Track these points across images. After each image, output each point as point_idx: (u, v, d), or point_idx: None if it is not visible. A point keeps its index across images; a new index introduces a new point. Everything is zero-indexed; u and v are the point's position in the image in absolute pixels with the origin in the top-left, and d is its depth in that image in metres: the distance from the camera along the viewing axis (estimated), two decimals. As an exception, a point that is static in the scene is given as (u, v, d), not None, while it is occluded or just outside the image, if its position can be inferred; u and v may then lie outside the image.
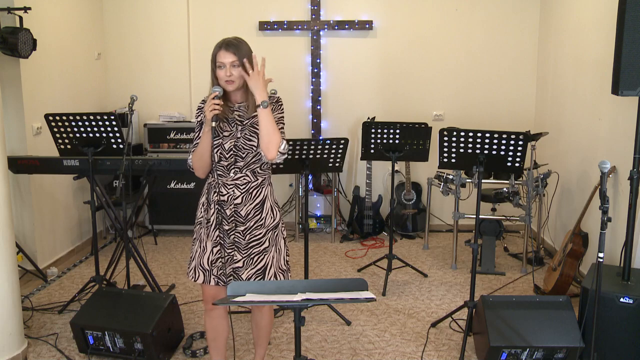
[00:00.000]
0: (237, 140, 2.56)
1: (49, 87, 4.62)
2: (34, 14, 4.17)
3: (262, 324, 2.86)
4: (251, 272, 2.64)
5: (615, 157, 3.78)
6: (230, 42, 2.49)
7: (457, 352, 3.34)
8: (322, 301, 1.92)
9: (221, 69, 2.49)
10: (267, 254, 2.66)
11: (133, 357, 3.18)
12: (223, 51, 2.48)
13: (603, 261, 2.69)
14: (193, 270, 2.69)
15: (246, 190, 2.60)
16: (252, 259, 2.64)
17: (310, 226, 5.56)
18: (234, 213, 2.60)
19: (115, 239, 5.22)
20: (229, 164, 2.57)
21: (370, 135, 4.20)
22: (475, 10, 5.44)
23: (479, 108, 5.54)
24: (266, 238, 2.65)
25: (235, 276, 2.65)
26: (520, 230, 5.50)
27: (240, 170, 2.59)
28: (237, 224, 2.61)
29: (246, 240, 2.62)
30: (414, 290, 4.25)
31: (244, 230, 2.61)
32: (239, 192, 2.59)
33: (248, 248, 2.63)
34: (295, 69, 5.59)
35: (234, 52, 2.47)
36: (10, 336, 3.11)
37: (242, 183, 2.59)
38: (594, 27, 4.21)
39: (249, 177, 2.60)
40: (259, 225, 2.63)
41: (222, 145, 2.56)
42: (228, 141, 2.56)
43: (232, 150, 2.56)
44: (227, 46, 2.48)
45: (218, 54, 2.49)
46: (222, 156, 2.57)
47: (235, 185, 2.59)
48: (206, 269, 2.66)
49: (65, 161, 3.81)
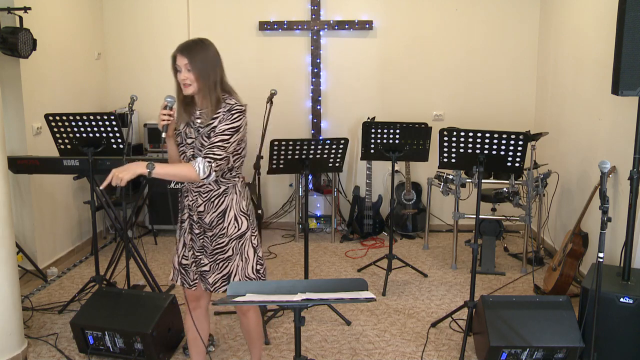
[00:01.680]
0: (194, 148, 2.52)
1: (49, 87, 4.62)
2: (34, 14, 4.16)
3: (250, 327, 2.81)
4: (217, 277, 2.62)
5: (615, 157, 3.78)
6: (186, 46, 2.44)
7: (457, 352, 3.34)
8: (322, 301, 1.93)
9: (178, 73, 2.47)
10: (231, 262, 2.62)
11: (133, 357, 3.18)
12: (179, 55, 2.44)
13: (603, 261, 2.69)
14: (173, 268, 2.74)
15: (208, 199, 2.56)
16: (218, 264, 2.63)
17: (310, 226, 5.56)
18: (199, 219, 2.60)
19: (115, 239, 5.22)
20: None
21: (370, 135, 4.20)
22: (475, 10, 5.44)
23: (479, 108, 5.54)
24: (229, 247, 2.60)
25: (203, 280, 2.65)
26: (520, 230, 5.50)
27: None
28: (204, 229, 2.60)
29: (212, 246, 2.61)
30: (414, 290, 4.25)
31: (210, 236, 2.60)
32: (201, 200, 2.57)
33: (214, 254, 2.62)
34: (295, 69, 5.59)
35: (187, 55, 2.42)
36: (10, 336, 3.11)
37: (205, 191, 2.56)
38: (594, 27, 4.21)
39: (211, 185, 2.55)
40: (221, 234, 2.59)
41: (185, 153, 2.56)
42: (190, 149, 2.54)
43: (193, 158, 2.51)
44: (182, 50, 2.44)
45: (176, 57, 2.46)
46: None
47: (198, 193, 2.57)
48: (176, 268, 2.71)
49: (65, 161, 3.81)
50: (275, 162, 3.61)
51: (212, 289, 2.65)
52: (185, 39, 2.56)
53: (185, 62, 2.43)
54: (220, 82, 2.51)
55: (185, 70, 2.44)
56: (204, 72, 2.45)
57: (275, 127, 4.93)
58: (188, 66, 2.43)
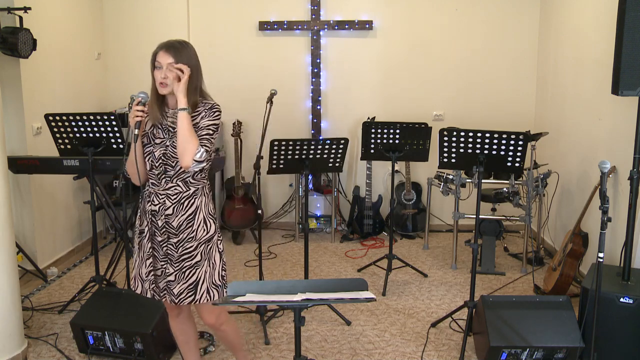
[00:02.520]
0: (167, 148, 2.45)
1: (49, 87, 4.62)
2: (34, 14, 4.16)
3: (229, 338, 2.75)
4: (183, 287, 2.50)
5: (615, 157, 3.78)
6: (172, 44, 2.40)
7: (457, 352, 3.34)
8: (322, 301, 1.92)
9: (158, 70, 2.40)
10: (199, 268, 2.51)
11: (133, 357, 3.18)
12: (163, 52, 2.39)
13: (603, 261, 2.69)
14: (134, 279, 2.60)
15: (177, 201, 2.48)
16: (184, 272, 2.50)
17: (310, 226, 5.56)
18: (165, 224, 2.49)
19: (115, 239, 5.22)
20: (160, 172, 2.47)
21: (370, 135, 4.20)
22: (475, 10, 5.44)
23: (479, 108, 5.54)
24: (198, 252, 2.51)
25: (168, 290, 2.52)
26: (520, 230, 5.50)
27: (171, 179, 2.47)
28: (169, 235, 2.49)
29: (178, 253, 2.50)
30: (414, 290, 4.25)
31: (176, 243, 2.49)
32: (169, 203, 2.47)
33: (180, 261, 2.50)
34: (295, 69, 5.59)
35: (173, 55, 2.38)
36: (10, 336, 3.11)
37: (174, 193, 2.47)
38: (594, 27, 4.21)
39: (180, 187, 2.48)
40: (190, 237, 2.50)
41: (152, 153, 2.47)
42: (158, 149, 2.46)
43: (162, 159, 2.46)
44: (168, 48, 2.39)
45: (157, 54, 2.40)
46: (153, 164, 2.47)
47: (166, 195, 2.47)
48: (143, 279, 2.56)
49: (65, 161, 3.81)
50: (275, 162, 3.61)
51: (177, 301, 2.51)
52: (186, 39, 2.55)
53: (170, 61, 2.38)
54: (200, 86, 2.48)
55: (167, 69, 2.39)
56: (194, 73, 2.43)
57: (275, 127, 4.93)
58: (171, 65, 2.38)
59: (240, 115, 5.36)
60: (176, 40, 2.44)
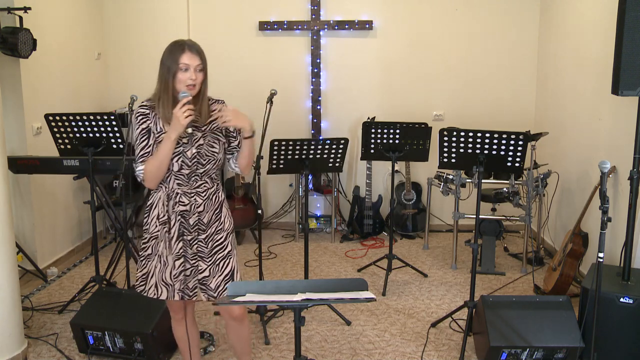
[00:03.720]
0: (200, 147, 2.47)
1: (49, 87, 4.62)
2: (34, 14, 4.16)
3: (244, 335, 2.72)
4: (220, 280, 2.54)
5: (615, 157, 3.78)
6: (195, 45, 2.42)
7: (457, 352, 3.34)
8: (322, 301, 1.92)
9: (185, 72, 2.39)
10: (232, 257, 2.58)
11: (133, 357, 3.18)
12: (189, 53, 2.39)
13: (603, 261, 2.69)
14: (154, 287, 2.55)
15: (207, 197, 2.53)
16: (218, 265, 2.55)
17: (310, 226, 5.56)
18: (197, 222, 2.51)
19: (115, 239, 5.22)
20: (190, 172, 2.48)
21: (370, 135, 4.20)
22: (475, 10, 5.44)
23: (479, 108, 5.55)
24: (228, 241, 2.58)
25: (203, 287, 2.54)
26: (520, 230, 5.50)
27: (200, 177, 2.51)
28: (199, 232, 2.52)
29: (209, 248, 2.54)
30: (414, 290, 4.25)
31: (205, 238, 2.53)
32: (200, 200, 2.51)
33: (212, 255, 2.54)
34: (295, 69, 5.59)
35: (199, 56, 2.40)
36: (10, 336, 3.11)
37: (203, 190, 2.52)
38: (594, 27, 4.21)
39: (208, 184, 2.53)
40: (219, 229, 2.56)
41: (183, 153, 2.45)
42: (190, 149, 2.46)
43: (195, 158, 2.47)
44: (192, 49, 2.40)
45: (182, 56, 2.39)
46: (183, 164, 2.46)
47: (196, 193, 2.50)
48: (169, 283, 2.54)
49: (65, 161, 3.81)
50: (275, 162, 3.61)
51: (216, 294, 2.53)
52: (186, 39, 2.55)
53: (198, 63, 2.41)
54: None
55: (196, 71, 2.41)
56: (207, 73, 2.46)
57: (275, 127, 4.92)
58: (200, 66, 2.42)
59: (240, 115, 5.35)
60: (191, 40, 2.47)
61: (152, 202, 2.56)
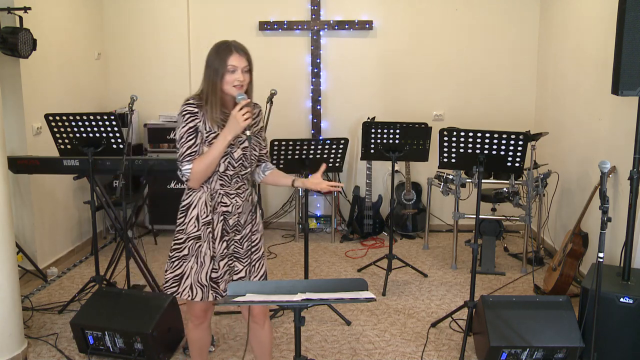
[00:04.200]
0: (246, 149, 2.50)
1: (49, 87, 4.62)
2: (34, 14, 4.16)
3: (266, 340, 2.69)
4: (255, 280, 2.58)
5: (615, 157, 3.78)
6: (241, 46, 2.42)
7: (457, 352, 3.34)
8: (322, 301, 1.92)
9: (233, 73, 2.38)
10: (264, 259, 2.63)
11: (133, 357, 3.18)
12: (237, 55, 2.38)
13: (603, 261, 2.69)
14: (189, 288, 2.52)
15: (245, 198, 2.56)
16: (254, 266, 2.58)
17: (310, 226, 5.56)
18: (236, 222, 2.54)
19: (115, 239, 5.22)
20: (235, 173, 2.50)
21: (370, 135, 4.20)
22: (475, 10, 5.44)
23: (479, 108, 5.55)
24: (261, 242, 2.63)
25: None
26: (520, 230, 5.50)
27: (241, 179, 2.54)
28: (235, 232, 2.54)
29: (245, 248, 2.56)
30: (414, 290, 4.25)
31: (241, 239, 2.56)
32: (240, 201, 2.54)
33: (248, 255, 2.56)
34: (295, 69, 5.59)
35: (246, 58, 2.41)
36: (10, 336, 3.11)
37: (242, 191, 2.55)
38: (594, 27, 4.21)
39: (246, 185, 2.57)
40: (255, 230, 2.60)
41: (230, 155, 2.46)
42: (237, 150, 2.48)
43: (241, 160, 2.50)
44: (240, 50, 2.40)
45: (230, 57, 2.37)
46: (229, 165, 2.47)
47: (237, 194, 2.53)
48: (204, 284, 2.51)
49: (65, 161, 3.81)
50: (275, 162, 3.61)
51: None
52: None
53: (245, 64, 2.41)
54: None
55: (244, 72, 2.41)
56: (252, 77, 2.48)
57: (275, 127, 4.92)
58: (247, 68, 2.42)
59: (240, 115, 5.35)
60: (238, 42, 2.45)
61: (189, 203, 2.52)
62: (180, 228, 2.54)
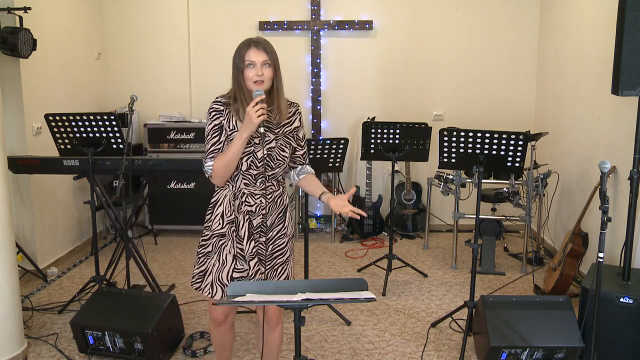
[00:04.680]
0: (271, 149, 2.44)
1: (49, 87, 4.62)
2: (34, 14, 4.16)
3: (275, 344, 2.67)
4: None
5: (615, 157, 3.78)
6: (259, 41, 2.38)
7: (457, 352, 3.33)
8: (322, 301, 1.92)
9: (251, 68, 2.35)
10: (289, 264, 2.57)
11: (133, 357, 3.18)
12: (254, 49, 2.35)
13: (603, 261, 2.69)
14: (210, 286, 2.50)
15: (272, 200, 2.52)
16: (276, 270, 2.53)
17: (310, 226, 5.56)
18: (261, 223, 2.49)
19: (115, 239, 5.22)
20: (259, 173, 2.45)
21: (370, 135, 4.20)
22: (475, 10, 5.44)
23: (479, 108, 5.55)
24: (288, 247, 2.56)
25: None
26: (520, 230, 5.50)
27: (267, 179, 2.48)
28: (260, 234, 2.50)
29: (269, 251, 2.51)
30: (414, 290, 4.25)
31: (266, 241, 2.50)
32: (266, 202, 2.49)
33: (272, 259, 2.52)
34: (295, 69, 5.59)
35: (265, 51, 2.36)
36: (10, 336, 3.11)
37: (269, 192, 2.49)
38: (594, 27, 4.21)
39: (274, 186, 2.52)
40: (282, 234, 2.55)
41: (253, 154, 2.42)
42: (260, 149, 2.42)
43: (265, 160, 2.44)
44: (258, 44, 2.36)
45: (248, 52, 2.35)
46: (252, 164, 2.43)
47: (262, 195, 2.48)
48: (224, 284, 2.49)
49: (65, 161, 3.81)
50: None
51: None
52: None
53: (265, 58, 2.36)
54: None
55: (262, 66, 2.36)
56: (278, 69, 2.42)
57: (275, 127, 4.93)
58: (267, 61, 2.37)
59: (240, 115, 5.36)
60: (259, 37, 2.42)
61: (216, 200, 2.52)
62: (207, 225, 2.54)
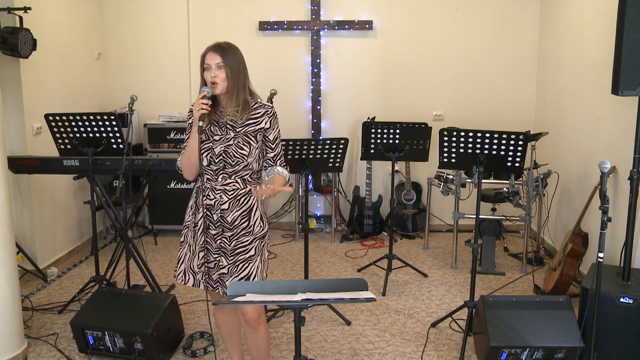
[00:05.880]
0: (229, 146, 2.52)
1: (49, 87, 4.62)
2: (34, 14, 4.16)
3: (261, 344, 2.69)
4: (234, 281, 2.57)
5: (615, 157, 3.78)
6: (218, 45, 2.51)
7: (457, 352, 3.34)
8: (322, 301, 1.92)
9: (207, 71, 2.49)
10: (252, 262, 2.60)
11: (133, 357, 3.18)
12: (210, 53, 2.49)
13: (603, 261, 2.69)
14: (183, 274, 2.67)
15: (234, 197, 2.56)
16: (237, 266, 2.58)
17: (310, 226, 5.55)
18: (220, 218, 2.57)
19: (115, 239, 5.22)
20: (218, 168, 2.54)
21: (370, 135, 4.20)
22: (475, 10, 5.44)
23: (479, 108, 5.55)
24: (253, 246, 2.60)
25: (221, 282, 2.60)
26: (520, 230, 5.50)
27: (229, 176, 2.55)
28: (223, 229, 2.57)
29: (232, 246, 2.58)
30: (414, 290, 4.25)
31: (230, 237, 2.58)
32: (226, 198, 2.56)
33: (234, 254, 2.58)
34: (295, 69, 5.59)
35: (220, 54, 2.47)
36: (10, 336, 3.11)
37: (231, 189, 2.56)
38: (594, 27, 4.21)
39: (238, 184, 2.57)
40: (247, 232, 2.59)
41: (212, 150, 2.53)
42: (218, 146, 2.52)
43: (222, 156, 2.52)
44: (215, 48, 2.49)
45: (205, 56, 2.50)
46: (211, 160, 2.53)
47: (223, 191, 2.56)
48: (195, 272, 2.64)
49: (65, 161, 3.81)
50: (275, 162, 3.60)
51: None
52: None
53: (218, 61, 2.47)
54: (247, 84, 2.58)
55: (216, 68, 2.48)
56: (234, 72, 2.50)
57: (275, 127, 4.94)
58: (220, 64, 2.47)
59: (240, 115, 5.36)
60: (223, 42, 2.55)
61: (192, 193, 2.68)
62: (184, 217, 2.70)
